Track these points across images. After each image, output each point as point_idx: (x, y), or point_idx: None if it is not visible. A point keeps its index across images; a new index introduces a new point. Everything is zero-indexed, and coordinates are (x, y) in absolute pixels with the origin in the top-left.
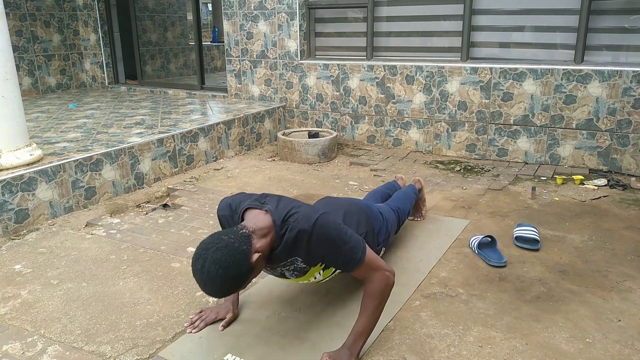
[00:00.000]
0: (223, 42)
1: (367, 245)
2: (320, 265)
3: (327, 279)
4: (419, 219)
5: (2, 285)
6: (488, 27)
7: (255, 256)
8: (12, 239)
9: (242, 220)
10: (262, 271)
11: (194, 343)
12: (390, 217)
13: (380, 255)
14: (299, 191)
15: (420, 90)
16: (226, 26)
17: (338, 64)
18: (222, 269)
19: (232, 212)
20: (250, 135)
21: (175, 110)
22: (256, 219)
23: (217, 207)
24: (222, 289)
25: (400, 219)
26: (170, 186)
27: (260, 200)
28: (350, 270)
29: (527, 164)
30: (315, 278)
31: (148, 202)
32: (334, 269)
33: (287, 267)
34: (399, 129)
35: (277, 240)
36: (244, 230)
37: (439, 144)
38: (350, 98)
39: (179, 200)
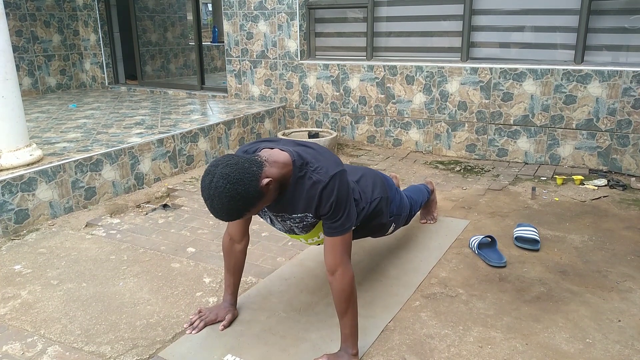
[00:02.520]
0: (223, 42)
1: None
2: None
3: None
4: (431, 222)
5: (2, 285)
6: (488, 27)
7: (265, 181)
8: (12, 239)
9: None
10: (272, 225)
11: (193, 343)
12: (403, 198)
13: (390, 231)
14: None
15: (420, 91)
16: (226, 26)
17: (338, 64)
18: (230, 184)
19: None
20: (251, 135)
21: (175, 111)
22: (273, 153)
23: None
24: (228, 206)
25: (412, 207)
26: (170, 186)
27: (281, 143)
28: (334, 234)
29: (527, 164)
30: (319, 237)
31: (148, 202)
32: None
33: (297, 224)
34: (399, 129)
35: (292, 179)
36: (256, 157)
37: (439, 144)
38: (350, 98)
39: (179, 200)
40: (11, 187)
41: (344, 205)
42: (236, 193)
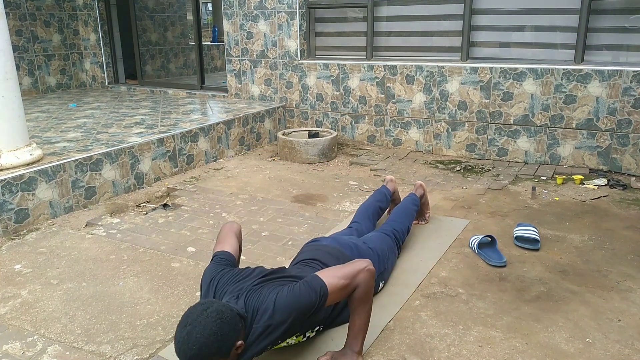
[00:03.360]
0: (223, 42)
1: (321, 277)
2: (293, 337)
3: (305, 338)
4: (422, 223)
5: (2, 285)
6: (488, 26)
7: (239, 343)
8: (12, 239)
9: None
10: None
11: None
12: (383, 248)
13: (380, 289)
14: (298, 191)
15: (420, 90)
16: (226, 26)
17: (338, 64)
18: (221, 320)
19: (215, 297)
20: (250, 135)
21: (175, 110)
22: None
23: (218, 204)
24: (206, 340)
25: (398, 240)
26: (170, 186)
27: (234, 293)
28: (326, 304)
29: (527, 163)
30: (287, 344)
31: (148, 202)
32: (302, 338)
33: (263, 352)
34: (399, 128)
35: (248, 337)
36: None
37: (439, 143)
38: (350, 98)
39: (179, 200)
40: (11, 187)
41: (304, 302)
42: (221, 333)
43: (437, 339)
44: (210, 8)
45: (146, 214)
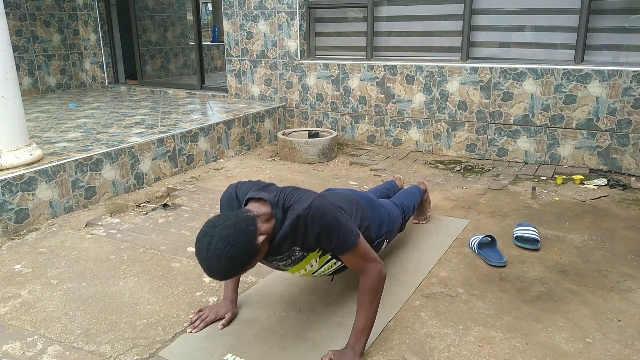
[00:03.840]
0: (223, 42)
1: (361, 236)
2: (317, 252)
3: (322, 269)
4: (423, 222)
5: (2, 285)
6: (488, 26)
7: (261, 238)
8: (12, 239)
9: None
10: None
11: (193, 343)
12: (392, 211)
13: (383, 247)
14: None
15: (420, 90)
16: (226, 26)
17: (338, 64)
18: (230, 245)
19: (238, 202)
20: (250, 135)
21: (175, 110)
22: (259, 207)
23: (218, 204)
24: (227, 268)
25: (405, 213)
26: (170, 186)
27: (263, 190)
28: (343, 253)
29: (527, 163)
30: (311, 266)
31: (148, 202)
32: (329, 257)
33: (284, 261)
34: (399, 128)
35: (277, 228)
36: (249, 213)
37: (439, 143)
38: (350, 98)
39: (179, 200)
40: (11, 187)
41: (333, 226)
42: (236, 254)
43: (437, 339)
44: (210, 8)
45: (146, 214)
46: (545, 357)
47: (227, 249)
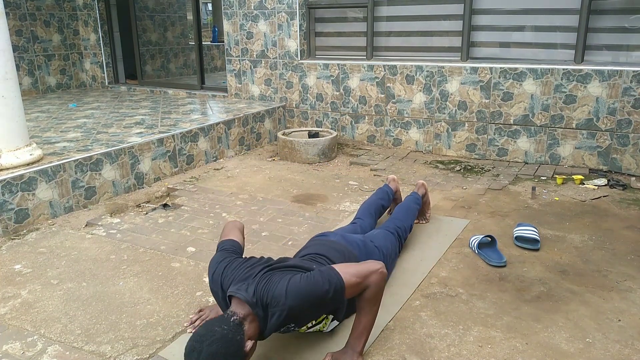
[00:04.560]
0: (223, 42)
1: (338, 270)
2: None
3: (318, 327)
4: (423, 222)
5: (2, 285)
6: (488, 26)
7: (249, 344)
8: (12, 239)
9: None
10: None
11: None
12: (387, 246)
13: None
14: (298, 191)
15: (420, 90)
16: (226, 26)
17: (338, 64)
18: None
19: (222, 292)
20: (250, 135)
21: (175, 110)
22: (242, 306)
23: (217, 204)
24: None
25: (401, 238)
26: (170, 186)
27: (245, 282)
28: (342, 300)
29: (527, 163)
30: (308, 328)
31: (148, 202)
32: (324, 316)
33: (282, 333)
34: (399, 128)
35: (263, 326)
36: (235, 318)
37: (439, 143)
38: (350, 98)
39: (179, 200)
40: (11, 187)
41: (319, 293)
42: None
43: (437, 339)
44: (210, 8)
45: (146, 214)
46: (545, 357)
47: None
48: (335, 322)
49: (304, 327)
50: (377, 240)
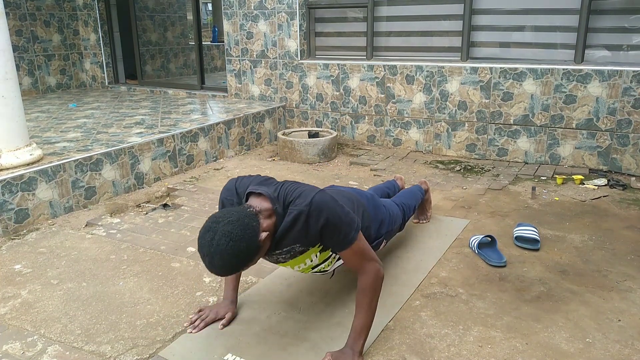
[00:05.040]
0: (223, 42)
1: (360, 232)
2: (318, 247)
3: (322, 265)
4: (423, 222)
5: (2, 285)
6: (488, 27)
7: (264, 235)
8: (12, 239)
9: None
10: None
11: (194, 342)
12: (393, 210)
13: (381, 247)
14: None
15: (420, 90)
16: (226, 26)
17: (338, 64)
18: (233, 242)
19: (238, 197)
20: (250, 135)
21: (175, 110)
22: (260, 202)
23: (218, 204)
24: (229, 264)
25: (405, 213)
26: (170, 186)
27: (263, 185)
28: (342, 249)
29: (527, 163)
30: (311, 261)
31: (148, 202)
32: (330, 253)
33: (284, 255)
34: (399, 128)
35: (278, 224)
36: (251, 209)
37: (439, 143)
38: (350, 98)
39: (179, 200)
40: (11, 187)
41: (335, 222)
42: (239, 251)
43: (437, 339)
44: (210, 8)
45: (146, 214)
46: (545, 357)
47: (230, 245)
48: (340, 262)
49: (309, 262)
50: (384, 201)
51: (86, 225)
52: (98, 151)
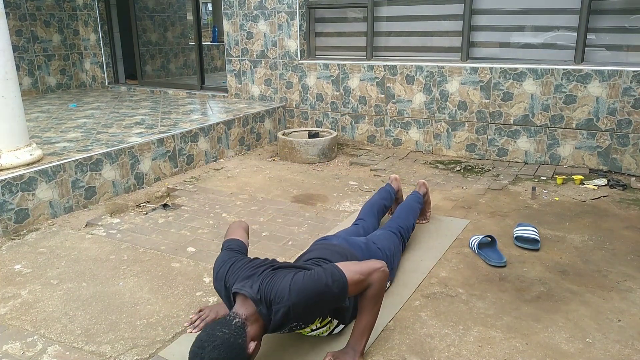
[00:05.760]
0: (223, 42)
1: (341, 264)
2: (318, 319)
3: (321, 330)
4: (423, 222)
5: (2, 285)
6: (488, 27)
7: (252, 345)
8: (12, 239)
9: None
10: None
11: None
12: (390, 247)
13: (387, 287)
14: (298, 191)
15: (420, 90)
16: (226, 26)
17: (338, 64)
18: None
19: (226, 290)
20: (250, 135)
21: (175, 110)
22: (246, 305)
23: (217, 204)
24: None
25: (404, 238)
26: (170, 186)
27: (249, 279)
28: (346, 299)
29: (527, 163)
30: (313, 329)
31: (148, 202)
32: (329, 318)
33: (288, 331)
34: (399, 128)
35: (266, 323)
36: (237, 320)
37: (439, 143)
38: (350, 98)
39: (179, 200)
40: (11, 187)
41: (320, 290)
42: None
43: (437, 339)
44: (210, 8)
45: (146, 214)
46: (545, 357)
47: None
48: (341, 326)
49: (308, 329)
50: (379, 242)
51: (86, 226)
52: (98, 151)
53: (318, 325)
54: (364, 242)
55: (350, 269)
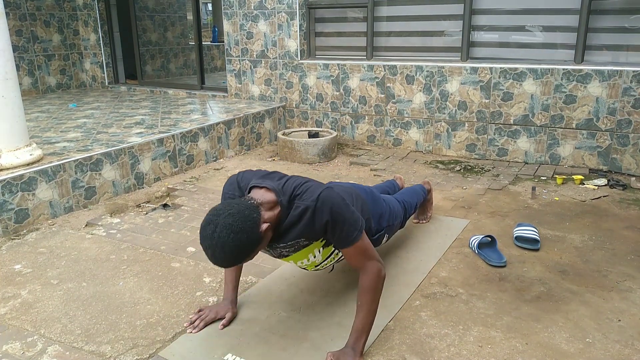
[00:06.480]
0: (223, 42)
1: (364, 232)
2: (321, 242)
3: (325, 261)
4: (423, 222)
5: (2, 285)
6: (488, 27)
7: (264, 226)
8: (12, 239)
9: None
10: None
11: (194, 343)
12: (393, 205)
13: (383, 242)
14: None
15: (420, 90)
16: (226, 26)
17: (338, 64)
18: (234, 233)
19: (240, 190)
20: (250, 135)
21: (175, 110)
22: (263, 194)
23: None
24: (231, 255)
25: (406, 210)
26: (170, 186)
27: (267, 178)
28: (345, 247)
29: (527, 163)
30: (314, 257)
31: (148, 202)
32: (332, 249)
33: (288, 248)
34: (399, 128)
35: (283, 218)
36: (252, 201)
37: (439, 143)
38: (350, 98)
39: (179, 200)
40: (11, 187)
41: (341, 218)
42: (240, 242)
43: (437, 339)
44: (210, 8)
45: (146, 214)
46: (545, 357)
47: (231, 237)
48: (341, 258)
49: (312, 259)
50: (384, 197)
51: (86, 225)
52: (98, 151)
53: (320, 251)
54: (370, 188)
55: (366, 238)
